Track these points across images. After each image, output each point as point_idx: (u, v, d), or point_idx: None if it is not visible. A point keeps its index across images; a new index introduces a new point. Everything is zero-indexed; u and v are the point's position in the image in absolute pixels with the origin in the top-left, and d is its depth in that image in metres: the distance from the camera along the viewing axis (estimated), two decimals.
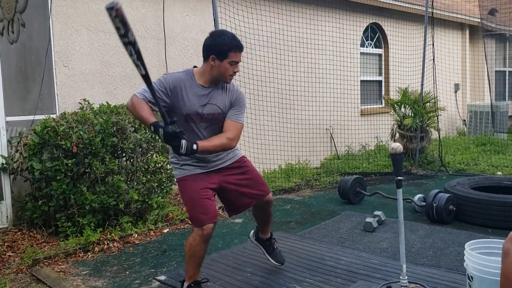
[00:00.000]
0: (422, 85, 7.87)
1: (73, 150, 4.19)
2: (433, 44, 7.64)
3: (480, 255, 2.77)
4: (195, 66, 3.02)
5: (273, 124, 7.28)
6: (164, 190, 4.97)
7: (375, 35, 9.77)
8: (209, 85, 2.92)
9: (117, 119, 4.49)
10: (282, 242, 4.19)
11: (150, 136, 4.74)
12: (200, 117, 2.91)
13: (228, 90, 2.99)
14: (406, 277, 3.00)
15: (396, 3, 9.32)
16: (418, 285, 3.05)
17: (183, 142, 2.61)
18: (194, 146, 2.68)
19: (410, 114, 7.87)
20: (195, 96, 2.88)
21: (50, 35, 5.06)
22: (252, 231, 3.64)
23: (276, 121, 7.38)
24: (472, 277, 2.76)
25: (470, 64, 12.07)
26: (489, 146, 9.24)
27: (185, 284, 3.01)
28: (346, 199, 5.67)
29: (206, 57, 2.90)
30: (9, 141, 4.61)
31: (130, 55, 2.37)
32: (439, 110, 7.99)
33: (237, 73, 2.96)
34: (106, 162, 4.35)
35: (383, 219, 4.68)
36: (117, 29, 2.29)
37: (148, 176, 4.76)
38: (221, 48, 2.82)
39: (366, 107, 9.36)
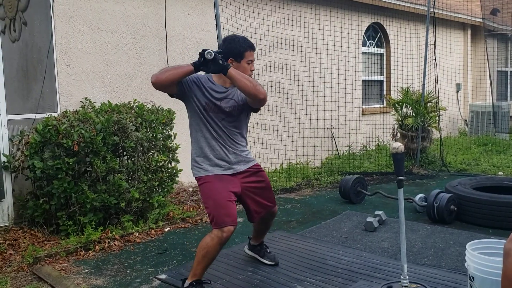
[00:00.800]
0: (423, 85, 7.86)
1: (75, 149, 4.19)
2: (434, 44, 7.63)
3: (481, 255, 2.77)
4: None
5: (274, 123, 7.28)
6: (165, 189, 4.98)
7: (376, 35, 9.77)
8: (228, 86, 3.13)
9: (119, 118, 4.50)
10: (283, 241, 4.19)
11: (151, 135, 4.75)
12: (218, 108, 3.07)
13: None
14: (407, 277, 2.99)
15: (398, 2, 9.31)
16: (419, 285, 3.05)
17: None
18: (227, 63, 2.87)
19: (411, 114, 7.86)
20: (214, 91, 3.10)
21: (52, 33, 5.06)
22: (245, 244, 3.83)
23: (278, 121, 7.38)
24: (473, 277, 2.76)
25: (472, 64, 12.06)
26: (491, 146, 9.23)
27: (187, 282, 3.02)
28: (347, 198, 5.67)
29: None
30: (10, 140, 4.61)
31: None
32: (440, 110, 7.99)
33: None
34: (107, 161, 4.36)
35: (384, 219, 4.68)
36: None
37: (149, 175, 4.76)
38: (238, 50, 3.09)
39: (367, 106, 9.35)
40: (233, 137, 3.17)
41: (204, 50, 2.81)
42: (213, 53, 2.79)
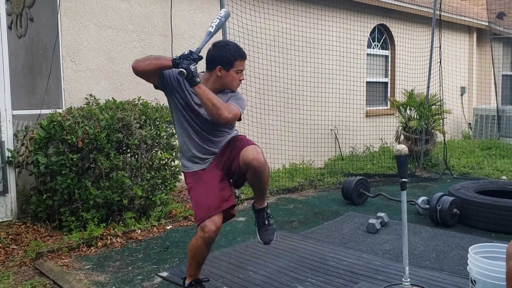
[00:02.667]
0: (428, 87, 7.84)
1: (79, 145, 4.21)
2: (440, 47, 7.61)
3: (483, 259, 2.77)
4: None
5: (278, 123, 7.28)
6: (168, 187, 4.99)
7: (382, 37, 9.75)
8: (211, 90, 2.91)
9: (123, 115, 4.51)
10: (285, 241, 4.20)
11: (155, 132, 4.76)
12: (197, 113, 2.93)
13: (226, 92, 3.01)
14: (409, 279, 2.99)
15: (404, 4, 9.29)
16: None
17: (192, 66, 2.65)
18: (198, 79, 2.68)
19: (415, 117, 7.85)
20: (192, 94, 2.89)
21: (58, 30, 5.08)
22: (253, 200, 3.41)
23: (281, 121, 7.38)
24: (475, 281, 2.75)
25: (477, 67, 12.03)
26: (494, 150, 9.20)
27: (186, 282, 3.03)
28: (350, 200, 5.66)
29: (211, 67, 2.94)
30: (15, 135, 4.63)
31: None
32: (445, 113, 7.97)
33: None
34: (111, 158, 4.37)
35: (386, 220, 4.67)
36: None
37: (152, 173, 4.77)
38: (228, 58, 2.91)
39: (371, 108, 9.34)
40: (214, 139, 3.02)
41: (183, 60, 2.64)
42: (185, 73, 2.61)
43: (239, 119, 2.95)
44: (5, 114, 4.60)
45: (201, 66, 2.79)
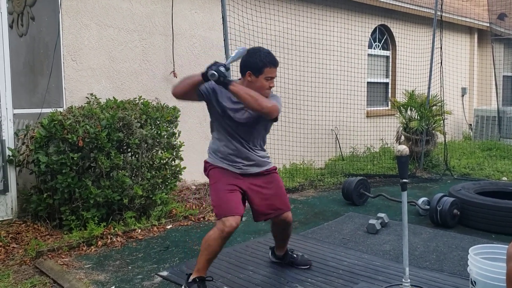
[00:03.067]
0: (429, 88, 7.84)
1: (79, 144, 4.21)
2: (441, 48, 7.61)
3: (484, 260, 2.77)
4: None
5: (278, 123, 7.25)
6: (168, 187, 4.99)
7: (383, 37, 9.75)
8: None
9: (124, 115, 4.51)
10: None
11: (155, 132, 4.76)
12: (233, 119, 3.08)
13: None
14: (409, 280, 2.99)
15: (405, 5, 9.29)
16: None
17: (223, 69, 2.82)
18: (230, 79, 2.86)
19: (416, 117, 7.85)
20: (230, 101, 3.06)
21: (59, 29, 5.08)
22: (270, 251, 3.74)
23: (282, 121, 7.37)
24: (475, 282, 2.75)
25: (478, 68, 12.02)
26: (495, 151, 9.20)
27: (191, 277, 3.04)
28: (350, 200, 5.66)
29: (243, 72, 3.08)
30: (16, 134, 4.63)
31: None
32: (445, 114, 7.97)
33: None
34: (112, 157, 4.37)
35: (386, 221, 4.67)
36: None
37: (153, 172, 4.77)
38: (257, 64, 3.00)
39: (372, 109, 9.34)
40: (248, 143, 3.16)
41: (211, 67, 2.81)
42: (216, 75, 2.77)
43: (276, 119, 3.05)
44: (6, 113, 4.61)
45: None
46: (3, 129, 4.59)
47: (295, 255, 3.63)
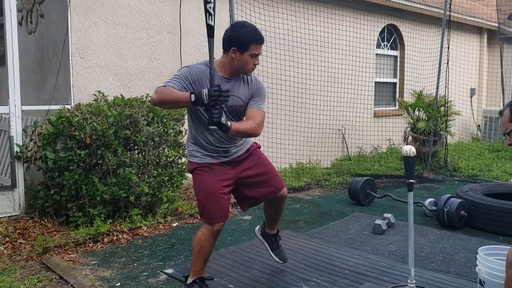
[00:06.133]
0: (437, 88, 7.80)
1: (86, 141, 4.23)
2: (448, 48, 7.56)
3: (493, 259, 2.75)
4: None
5: (285, 122, 7.27)
6: (175, 184, 5.00)
7: (391, 37, 9.70)
8: (230, 76, 2.91)
9: (131, 112, 4.52)
10: (290, 240, 4.19)
11: (162, 130, 4.77)
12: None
13: (248, 81, 2.97)
14: (414, 281, 2.98)
15: (414, 5, 9.23)
16: None
17: (222, 112, 2.59)
18: (229, 123, 2.63)
19: (424, 118, 7.80)
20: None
21: (67, 26, 5.10)
22: (258, 226, 3.62)
23: (289, 120, 7.36)
24: (484, 282, 2.74)
25: (487, 69, 11.92)
26: (503, 152, 9.13)
27: (190, 280, 3.00)
28: (356, 200, 5.64)
29: (226, 48, 2.86)
30: (24, 130, 4.66)
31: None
32: (454, 115, 7.92)
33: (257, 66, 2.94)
34: (118, 154, 4.39)
35: (392, 222, 4.65)
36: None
37: (159, 170, 4.79)
38: (243, 40, 2.79)
39: (379, 109, 9.30)
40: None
41: (211, 119, 2.56)
42: (223, 120, 2.58)
43: None
44: (15, 109, 4.64)
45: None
46: (11, 125, 4.62)
47: (281, 245, 3.53)
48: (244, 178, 3.07)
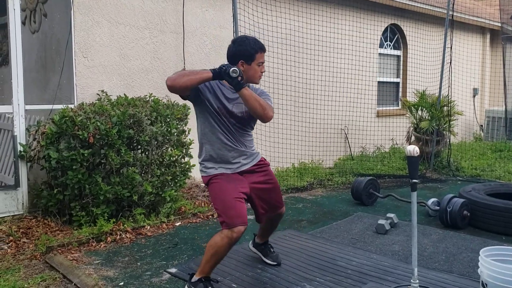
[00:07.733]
0: (440, 88, 7.78)
1: (90, 141, 4.23)
2: (451, 47, 7.55)
3: (495, 262, 2.74)
4: None
5: (288, 122, 7.27)
6: (178, 184, 5.01)
7: (394, 36, 9.69)
8: None
9: (134, 112, 4.53)
10: (293, 240, 4.19)
11: (165, 129, 4.77)
12: (230, 113, 3.06)
13: (252, 89, 3.10)
14: (418, 281, 2.98)
15: (417, 4, 9.22)
16: None
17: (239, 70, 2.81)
18: (243, 85, 2.84)
19: (426, 117, 7.79)
20: (225, 96, 3.06)
21: (71, 26, 5.11)
22: (250, 241, 3.82)
23: (291, 119, 7.36)
24: (486, 284, 2.73)
25: (490, 68, 11.90)
26: (506, 152, 9.11)
27: (195, 277, 3.02)
28: (359, 200, 5.64)
29: (233, 63, 3.04)
30: (27, 129, 4.67)
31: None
32: (457, 114, 7.90)
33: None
34: (122, 154, 4.39)
35: (395, 221, 4.65)
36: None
37: (163, 169, 4.79)
38: (249, 52, 3.03)
39: (382, 108, 9.29)
40: (242, 139, 3.17)
41: (229, 66, 2.81)
42: (238, 72, 2.79)
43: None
44: (18, 108, 4.65)
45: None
46: (15, 124, 4.63)
47: (272, 249, 3.69)
48: (255, 189, 3.22)
